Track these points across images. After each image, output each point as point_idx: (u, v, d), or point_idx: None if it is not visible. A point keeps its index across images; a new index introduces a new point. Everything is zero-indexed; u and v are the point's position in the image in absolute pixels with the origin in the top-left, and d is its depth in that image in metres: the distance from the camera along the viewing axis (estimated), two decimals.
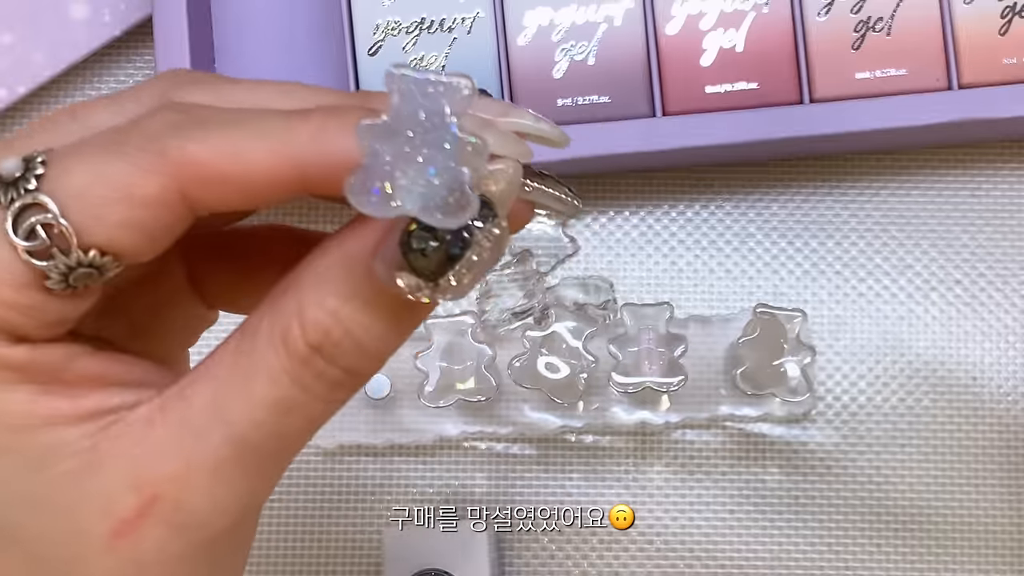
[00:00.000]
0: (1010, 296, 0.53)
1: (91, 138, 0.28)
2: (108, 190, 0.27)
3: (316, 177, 0.27)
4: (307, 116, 0.27)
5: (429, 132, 0.26)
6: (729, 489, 0.53)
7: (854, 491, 0.53)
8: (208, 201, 0.27)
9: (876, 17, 0.50)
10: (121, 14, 0.54)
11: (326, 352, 0.28)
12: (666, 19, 0.51)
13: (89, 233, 0.27)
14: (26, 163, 0.27)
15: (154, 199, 0.27)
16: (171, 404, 0.28)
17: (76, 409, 0.28)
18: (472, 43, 0.51)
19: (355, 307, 0.27)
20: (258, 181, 0.27)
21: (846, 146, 0.52)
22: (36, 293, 0.27)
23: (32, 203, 0.26)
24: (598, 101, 0.51)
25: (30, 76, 0.54)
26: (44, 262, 0.27)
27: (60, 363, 0.28)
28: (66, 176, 0.27)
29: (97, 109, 0.29)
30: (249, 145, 0.27)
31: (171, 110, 0.28)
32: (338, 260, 0.28)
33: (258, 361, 0.28)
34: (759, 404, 0.52)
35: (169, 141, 0.27)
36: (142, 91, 0.29)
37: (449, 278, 0.26)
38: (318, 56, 0.54)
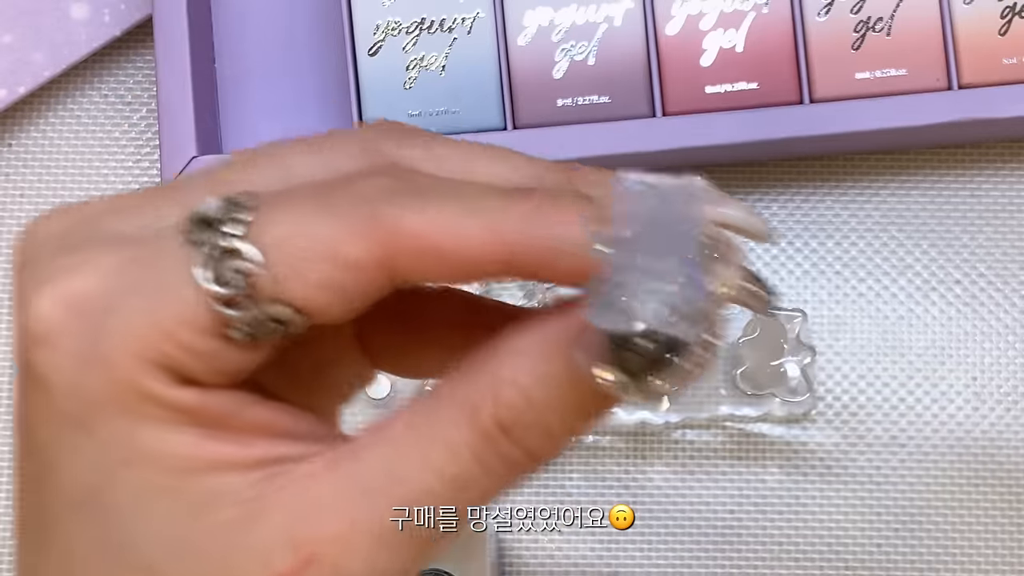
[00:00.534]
0: (1010, 296, 0.53)
1: (298, 189, 0.27)
2: (313, 247, 0.25)
3: (526, 261, 0.26)
4: (525, 196, 0.26)
5: (665, 237, 0.25)
6: (729, 489, 0.53)
7: (854, 491, 0.53)
8: (413, 273, 0.26)
9: (876, 17, 0.50)
10: (121, 14, 0.54)
11: (513, 433, 0.27)
12: (666, 19, 0.51)
13: (285, 288, 0.26)
14: (229, 205, 0.26)
15: (360, 263, 0.26)
16: (342, 462, 0.27)
17: (244, 456, 0.27)
18: (472, 43, 0.51)
19: (549, 392, 0.26)
20: (467, 258, 0.26)
21: (846, 146, 0.52)
22: (215, 340, 0.26)
23: (230, 248, 0.25)
24: (598, 101, 0.51)
25: (30, 76, 0.54)
26: (231, 311, 0.26)
27: (229, 409, 0.27)
28: (270, 225, 0.26)
29: (297, 153, 0.28)
30: (465, 221, 0.26)
31: (387, 174, 0.27)
32: (538, 342, 0.27)
33: (439, 431, 0.27)
34: (759, 404, 0.52)
35: (384, 207, 0.26)
36: (347, 140, 0.28)
37: (655, 381, 0.25)
38: (318, 57, 0.54)
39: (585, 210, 0.26)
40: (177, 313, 0.26)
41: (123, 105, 0.56)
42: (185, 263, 0.26)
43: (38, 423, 0.27)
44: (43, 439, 0.27)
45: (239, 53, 0.54)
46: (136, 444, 0.26)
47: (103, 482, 0.27)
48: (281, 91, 0.54)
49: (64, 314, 0.26)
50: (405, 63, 0.51)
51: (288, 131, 0.53)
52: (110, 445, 0.26)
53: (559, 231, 0.26)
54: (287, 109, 0.53)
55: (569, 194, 0.27)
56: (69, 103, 0.56)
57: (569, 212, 0.26)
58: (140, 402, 0.26)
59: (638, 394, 0.26)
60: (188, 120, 0.50)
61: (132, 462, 0.26)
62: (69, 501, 0.27)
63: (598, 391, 0.26)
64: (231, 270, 0.26)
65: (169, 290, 0.26)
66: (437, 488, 0.27)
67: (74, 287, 0.26)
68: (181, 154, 0.50)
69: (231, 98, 0.53)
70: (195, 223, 0.26)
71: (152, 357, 0.26)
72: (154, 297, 0.26)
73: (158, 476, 0.26)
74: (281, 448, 0.27)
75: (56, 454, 0.27)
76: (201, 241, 0.26)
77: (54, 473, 0.27)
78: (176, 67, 0.50)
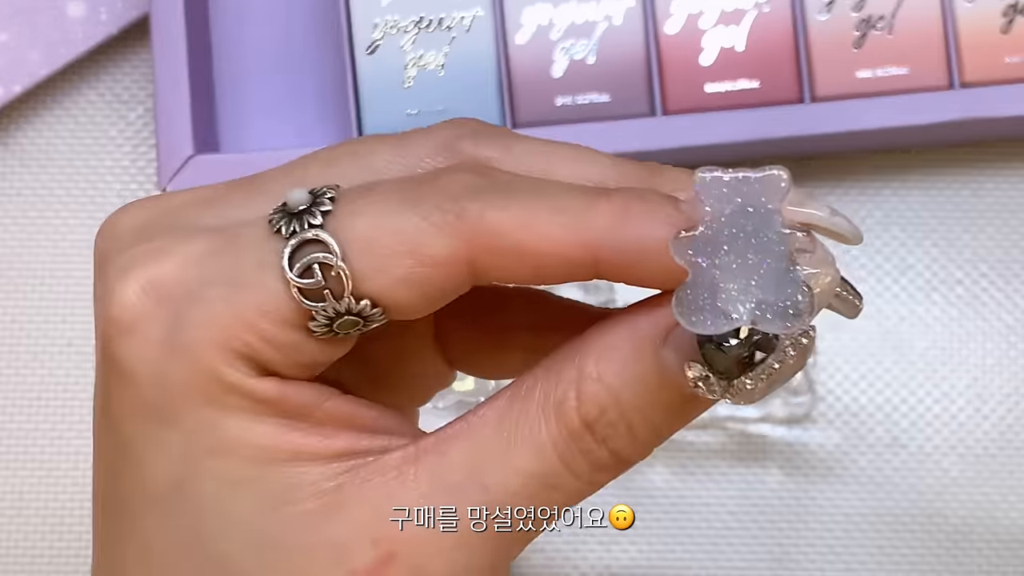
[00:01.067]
0: (1012, 296, 0.53)
1: (382, 184, 0.27)
2: (396, 242, 0.26)
3: (610, 262, 0.26)
4: (610, 196, 0.26)
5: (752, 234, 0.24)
6: (729, 490, 0.53)
7: (855, 492, 0.52)
8: (494, 271, 0.26)
9: (877, 16, 0.50)
10: (118, 12, 0.54)
11: (598, 431, 0.26)
12: (666, 17, 0.51)
13: (367, 282, 0.26)
14: (314, 197, 0.26)
15: (442, 260, 0.26)
16: (426, 457, 0.27)
17: (325, 447, 0.27)
18: (471, 42, 0.51)
19: (636, 391, 0.26)
20: (550, 257, 0.26)
21: (847, 145, 0.52)
22: (296, 333, 0.26)
23: (314, 239, 0.26)
24: (598, 100, 0.51)
25: (26, 74, 0.54)
26: (313, 303, 0.26)
27: (311, 401, 0.27)
28: (354, 218, 0.26)
29: (380, 150, 0.28)
30: (548, 219, 0.26)
31: (470, 171, 0.27)
32: (626, 338, 0.26)
33: (525, 427, 0.26)
34: (760, 404, 0.52)
35: (467, 204, 0.26)
36: (427, 137, 0.28)
37: (745, 381, 0.25)
38: (316, 56, 0.53)
39: (671, 210, 0.25)
40: (260, 303, 0.26)
41: (120, 104, 0.56)
42: (269, 253, 0.26)
43: (123, 416, 0.27)
44: (129, 433, 0.27)
45: (237, 51, 0.53)
46: (220, 434, 0.26)
47: (188, 473, 0.26)
48: (279, 90, 0.53)
49: (148, 301, 0.26)
50: (404, 62, 0.51)
51: (286, 131, 0.53)
52: (195, 435, 0.26)
53: (645, 232, 0.25)
54: (285, 108, 0.53)
55: (654, 193, 0.26)
56: (65, 102, 0.56)
57: (655, 213, 0.26)
58: (223, 392, 0.26)
59: (728, 394, 0.25)
60: (185, 119, 0.50)
61: (217, 451, 0.26)
62: (152, 495, 0.27)
63: (687, 391, 0.26)
64: (315, 262, 0.25)
65: (251, 280, 0.26)
66: (521, 487, 0.26)
67: (157, 273, 0.26)
68: (178, 153, 0.50)
69: (228, 97, 0.53)
70: (280, 213, 0.26)
71: (234, 347, 0.26)
72: (237, 286, 0.26)
73: (241, 466, 0.26)
74: (364, 441, 0.27)
75: (142, 448, 0.27)
76: (285, 231, 0.26)
77: (139, 467, 0.27)
78: (173, 65, 0.50)
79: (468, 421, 0.27)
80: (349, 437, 0.27)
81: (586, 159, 0.28)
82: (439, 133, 0.28)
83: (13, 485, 0.54)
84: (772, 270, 0.24)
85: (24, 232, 0.55)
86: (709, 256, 0.24)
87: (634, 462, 0.27)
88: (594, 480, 0.27)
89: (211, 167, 0.50)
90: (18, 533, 0.53)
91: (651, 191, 0.26)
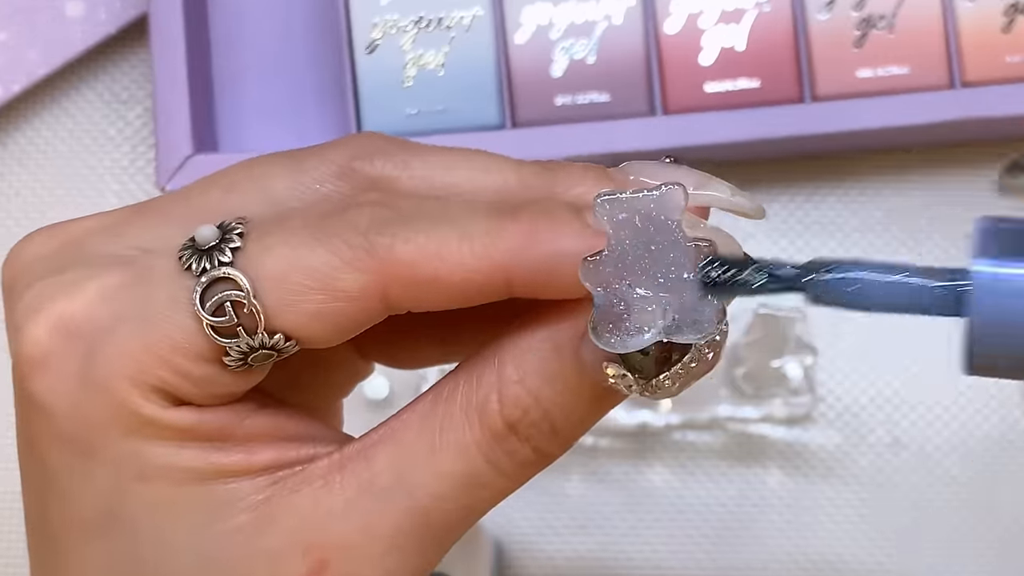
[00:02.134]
0: None
1: (290, 218, 0.27)
2: (307, 278, 0.26)
3: (523, 283, 0.26)
4: (516, 216, 0.26)
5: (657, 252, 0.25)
6: (730, 490, 0.53)
7: (855, 492, 0.52)
8: (407, 301, 0.27)
9: (878, 15, 0.50)
10: (116, 12, 0.54)
11: (521, 431, 0.27)
12: (666, 17, 0.51)
13: (279, 318, 0.26)
14: (222, 232, 0.26)
15: (354, 294, 0.26)
16: (351, 464, 0.27)
17: (251, 462, 0.27)
18: (471, 42, 0.51)
19: (556, 390, 0.27)
20: (463, 285, 0.26)
21: (848, 144, 0.52)
22: (210, 367, 0.26)
23: (224, 277, 0.26)
24: (598, 100, 0.51)
25: (25, 74, 0.54)
26: (226, 339, 0.26)
27: (229, 422, 0.27)
28: (264, 255, 0.26)
29: (277, 176, 0.28)
30: (456, 247, 0.26)
31: (376, 203, 0.27)
32: (545, 340, 0.27)
33: (448, 431, 0.27)
34: (760, 405, 0.52)
35: (376, 237, 0.26)
36: (323, 160, 0.28)
37: (663, 379, 0.26)
38: (315, 55, 0.53)
39: (577, 225, 0.26)
40: (172, 340, 0.26)
41: (118, 103, 0.56)
42: (180, 290, 0.26)
43: (46, 449, 0.27)
44: (53, 466, 0.27)
45: (235, 51, 0.53)
46: (145, 460, 0.27)
47: (118, 501, 0.27)
48: (278, 89, 0.53)
49: (59, 338, 0.26)
50: (403, 61, 0.51)
51: (285, 130, 0.53)
52: (120, 464, 0.27)
53: (554, 250, 0.26)
54: (284, 107, 0.53)
55: (559, 208, 0.27)
56: (64, 101, 0.56)
57: (562, 229, 0.26)
58: (141, 424, 0.26)
59: (645, 391, 0.26)
60: (184, 118, 0.50)
61: (145, 477, 0.27)
62: (83, 526, 0.27)
63: (605, 388, 0.26)
64: (225, 299, 0.26)
65: (164, 316, 0.26)
66: (448, 490, 0.27)
67: (67, 309, 0.27)
68: (177, 152, 0.50)
69: (227, 96, 0.53)
70: (190, 250, 0.26)
71: (148, 381, 0.26)
72: (148, 322, 0.26)
73: (171, 489, 0.27)
74: (290, 452, 0.27)
75: (68, 480, 0.27)
76: (196, 269, 0.26)
77: (67, 499, 0.27)
78: (172, 65, 0.50)
79: (391, 427, 0.27)
80: (274, 450, 0.27)
81: (487, 168, 0.28)
82: (335, 154, 0.28)
83: (13, 485, 0.53)
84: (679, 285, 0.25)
85: (23, 231, 0.55)
86: (618, 278, 0.25)
87: (557, 456, 0.28)
88: (519, 477, 0.28)
89: (210, 166, 0.50)
90: (15, 533, 0.53)
91: (556, 205, 0.27)
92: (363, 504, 0.27)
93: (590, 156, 0.50)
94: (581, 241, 0.26)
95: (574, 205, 0.27)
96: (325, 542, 0.27)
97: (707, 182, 0.28)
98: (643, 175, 0.28)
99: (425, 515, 0.27)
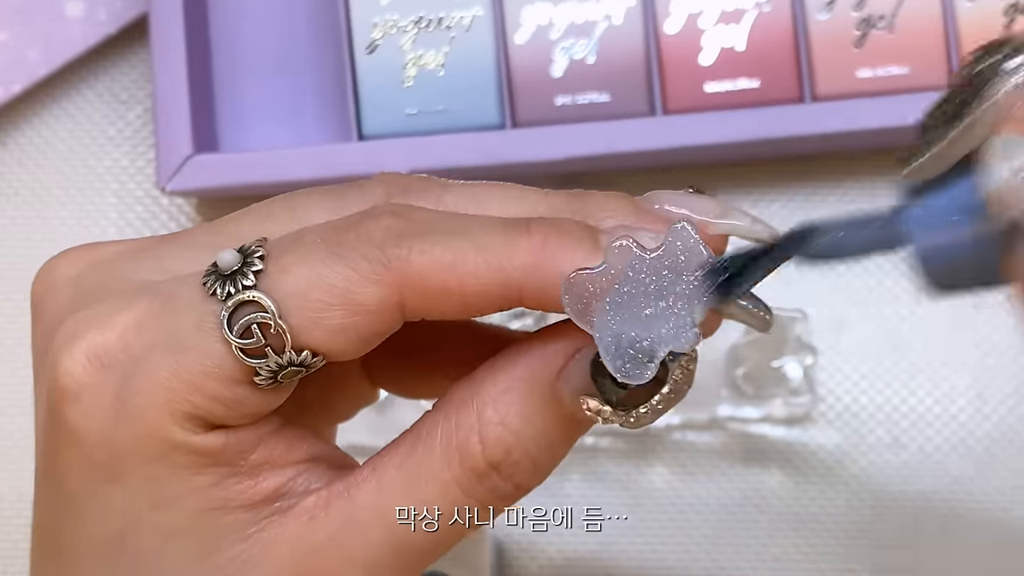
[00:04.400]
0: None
1: (307, 233, 0.28)
2: (328, 295, 0.27)
3: (533, 296, 0.27)
4: (528, 230, 0.27)
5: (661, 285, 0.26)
6: (730, 490, 0.53)
7: (855, 492, 0.52)
8: (424, 310, 0.27)
9: (878, 15, 0.50)
10: (116, 12, 0.54)
11: (504, 469, 0.28)
12: (666, 17, 0.51)
13: (305, 335, 0.27)
14: (243, 256, 0.27)
15: (373, 307, 0.27)
16: (336, 502, 0.28)
17: (254, 493, 0.28)
18: (471, 41, 0.51)
19: (536, 427, 0.28)
20: (476, 295, 0.27)
21: (848, 145, 0.52)
22: (242, 387, 0.27)
23: (249, 300, 0.27)
24: (598, 100, 0.51)
25: (25, 74, 0.54)
26: (256, 360, 0.27)
27: (250, 445, 0.28)
28: (285, 275, 0.27)
29: (316, 205, 0.29)
30: (471, 259, 0.27)
31: (392, 215, 0.27)
32: (523, 377, 0.28)
33: (428, 469, 0.28)
34: (760, 405, 0.52)
35: (392, 250, 0.27)
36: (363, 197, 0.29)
37: (641, 410, 0.27)
38: (315, 55, 0.53)
39: (589, 244, 0.27)
40: (203, 366, 0.27)
41: (118, 103, 0.56)
42: (206, 315, 0.27)
43: (67, 473, 0.28)
44: (73, 487, 0.28)
45: (236, 51, 0.53)
46: (163, 488, 0.28)
47: (130, 525, 0.28)
48: (278, 89, 0.53)
49: (92, 370, 0.27)
50: (403, 61, 0.51)
51: (285, 130, 0.53)
52: (139, 490, 0.28)
53: (564, 266, 0.27)
54: (284, 108, 0.53)
55: (571, 224, 0.27)
56: (64, 101, 0.56)
57: (572, 245, 0.27)
58: (170, 450, 0.27)
59: (620, 420, 0.27)
60: (184, 118, 0.50)
61: (159, 505, 0.28)
62: (92, 544, 0.28)
63: (580, 417, 0.28)
64: (252, 322, 0.27)
65: (192, 343, 0.27)
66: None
67: (101, 341, 0.27)
68: (177, 152, 0.50)
69: (228, 96, 0.53)
70: (213, 275, 0.27)
71: (180, 408, 0.27)
72: (179, 351, 0.27)
73: (179, 518, 0.28)
74: (290, 480, 0.29)
75: (86, 502, 0.28)
76: (220, 294, 0.27)
77: (82, 519, 0.28)
78: (172, 65, 0.50)
79: (374, 465, 0.29)
80: (279, 476, 0.29)
81: (516, 198, 0.29)
82: (373, 191, 0.29)
83: (13, 485, 0.53)
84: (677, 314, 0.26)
85: (22, 232, 0.55)
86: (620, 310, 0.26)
87: (534, 487, 0.29)
88: (498, 509, 0.29)
89: (210, 166, 0.50)
90: (18, 533, 0.53)
91: (569, 221, 0.28)
92: (344, 538, 0.28)
93: (590, 156, 0.50)
94: (591, 257, 0.27)
95: (588, 225, 0.28)
96: (309, 572, 0.28)
97: (728, 211, 0.29)
98: (667, 204, 0.29)
99: (402, 547, 0.28)
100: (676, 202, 0.29)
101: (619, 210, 0.28)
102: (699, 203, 0.29)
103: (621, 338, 0.26)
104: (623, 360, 0.26)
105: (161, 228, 0.55)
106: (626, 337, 0.26)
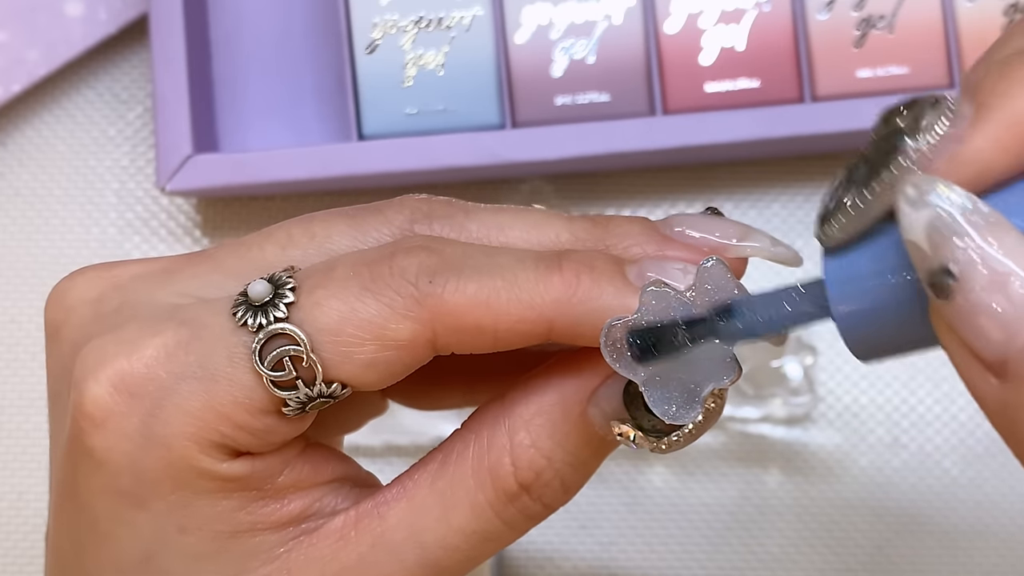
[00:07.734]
0: None
1: (339, 265, 0.28)
2: (360, 330, 0.27)
3: (564, 332, 0.27)
4: (559, 267, 0.27)
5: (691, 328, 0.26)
6: (730, 490, 0.53)
7: (856, 492, 0.52)
8: (454, 345, 0.28)
9: (878, 15, 0.50)
10: (116, 12, 0.54)
11: (535, 491, 0.28)
12: (666, 17, 0.51)
13: (336, 368, 0.27)
14: (274, 287, 0.27)
15: (405, 342, 0.27)
16: (365, 520, 0.29)
17: (281, 515, 0.28)
18: (470, 41, 0.51)
19: (567, 450, 0.28)
20: (507, 331, 0.27)
21: (848, 145, 0.52)
22: (270, 418, 0.27)
23: (281, 332, 0.27)
24: (598, 99, 0.51)
25: (25, 74, 0.53)
26: (286, 392, 0.27)
27: (277, 470, 0.28)
28: (317, 309, 0.27)
29: (336, 232, 0.29)
30: (504, 296, 0.27)
31: (425, 250, 0.28)
32: (555, 402, 0.28)
33: (461, 490, 0.28)
34: (760, 405, 0.52)
35: (425, 287, 0.27)
36: (384, 222, 0.29)
37: (673, 436, 0.27)
38: (315, 55, 0.53)
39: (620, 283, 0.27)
40: (233, 396, 0.27)
41: (118, 103, 0.56)
42: (237, 346, 0.27)
43: (91, 498, 0.28)
44: (96, 513, 0.28)
45: (236, 50, 0.53)
46: (190, 512, 0.28)
47: (157, 549, 0.28)
48: (278, 89, 0.53)
49: (119, 397, 0.27)
50: (403, 61, 0.51)
51: (285, 130, 0.53)
52: (166, 515, 0.28)
53: (595, 304, 0.27)
54: (284, 107, 0.53)
55: (602, 260, 0.28)
56: (64, 101, 0.56)
57: (604, 283, 0.27)
58: (196, 478, 0.27)
59: (651, 446, 0.27)
60: (184, 118, 0.50)
61: (186, 529, 0.28)
62: (119, 568, 0.28)
63: (611, 441, 0.28)
64: (284, 355, 0.27)
65: (223, 374, 0.27)
66: (457, 543, 0.28)
67: (128, 369, 0.27)
68: (177, 152, 0.50)
69: (227, 96, 0.53)
70: (244, 306, 0.27)
71: (208, 438, 0.27)
72: (209, 381, 0.27)
73: (207, 542, 0.28)
74: (316, 501, 0.29)
75: (111, 526, 0.28)
76: (252, 325, 0.27)
77: (108, 542, 0.28)
78: (172, 65, 0.50)
79: (403, 485, 0.29)
80: (305, 498, 0.29)
81: (539, 225, 0.29)
82: (396, 217, 0.29)
83: (13, 485, 0.53)
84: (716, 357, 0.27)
85: (22, 232, 0.55)
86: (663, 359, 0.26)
87: (562, 506, 0.30)
88: (526, 529, 0.29)
89: (210, 166, 0.50)
90: (18, 533, 0.53)
91: (599, 257, 0.28)
92: (375, 557, 0.28)
93: (590, 156, 0.50)
94: (621, 299, 0.27)
95: (617, 259, 0.28)
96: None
97: (748, 234, 0.29)
98: (688, 228, 0.29)
99: (435, 567, 0.28)
100: (697, 226, 0.29)
101: (643, 236, 0.29)
102: (720, 226, 0.29)
103: (667, 383, 0.26)
104: (670, 404, 0.26)
105: (161, 228, 0.55)
106: (670, 381, 0.26)
